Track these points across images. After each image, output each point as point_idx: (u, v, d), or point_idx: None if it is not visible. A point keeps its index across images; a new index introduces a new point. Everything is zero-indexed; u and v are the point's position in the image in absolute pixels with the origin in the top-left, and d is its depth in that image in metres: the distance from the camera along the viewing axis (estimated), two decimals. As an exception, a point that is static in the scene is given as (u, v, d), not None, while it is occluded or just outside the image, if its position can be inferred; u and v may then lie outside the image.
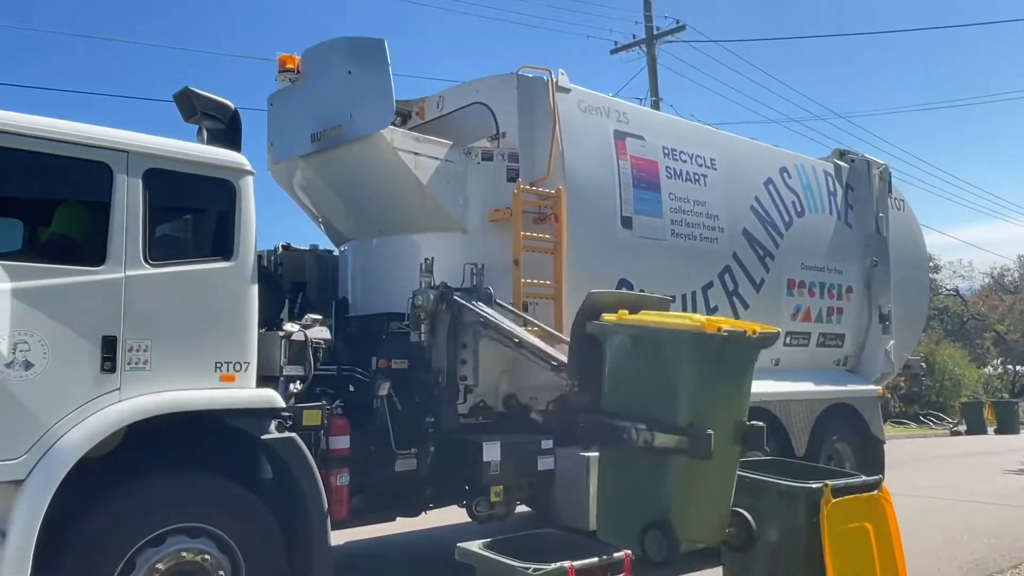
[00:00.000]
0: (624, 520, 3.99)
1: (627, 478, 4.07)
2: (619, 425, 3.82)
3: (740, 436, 3.96)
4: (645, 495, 3.95)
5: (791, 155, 8.36)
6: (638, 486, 4.00)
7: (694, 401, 3.79)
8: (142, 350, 4.05)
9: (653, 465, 3.88)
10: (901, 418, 26.47)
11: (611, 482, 4.23)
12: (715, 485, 3.94)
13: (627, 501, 4.07)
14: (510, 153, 6.20)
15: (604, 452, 4.34)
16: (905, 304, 9.09)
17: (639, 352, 3.99)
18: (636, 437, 3.84)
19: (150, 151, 4.27)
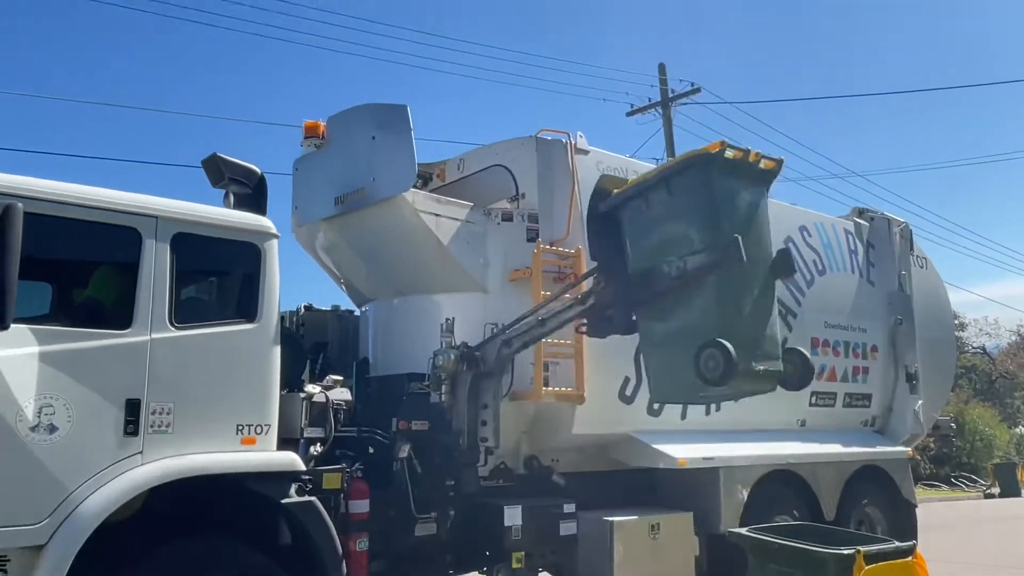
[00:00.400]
0: (677, 372, 4.27)
1: (673, 339, 4.33)
2: (652, 273, 3.98)
3: (767, 259, 4.13)
4: (693, 332, 4.14)
5: (810, 213, 8.38)
6: (684, 336, 4.23)
7: (716, 219, 3.94)
8: (165, 413, 4.06)
9: (692, 301, 4.12)
10: (932, 480, 25.75)
11: (658, 355, 4.56)
12: (755, 306, 4.05)
13: (677, 361, 4.30)
14: (530, 214, 6.27)
15: (644, 325, 4.61)
16: (932, 363, 8.94)
17: (653, 204, 4.16)
18: (669, 269, 4.06)
19: (178, 216, 4.36)
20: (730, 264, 3.89)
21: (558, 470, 6.20)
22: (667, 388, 4.85)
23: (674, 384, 4.66)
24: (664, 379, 4.79)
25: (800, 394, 7.63)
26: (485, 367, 5.51)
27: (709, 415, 6.82)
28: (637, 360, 6.33)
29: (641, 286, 4.49)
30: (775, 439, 7.25)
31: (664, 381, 4.81)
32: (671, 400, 5.02)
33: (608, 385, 6.16)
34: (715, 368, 4.04)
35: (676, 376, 4.54)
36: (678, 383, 4.60)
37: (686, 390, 4.61)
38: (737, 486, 6.60)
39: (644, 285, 4.44)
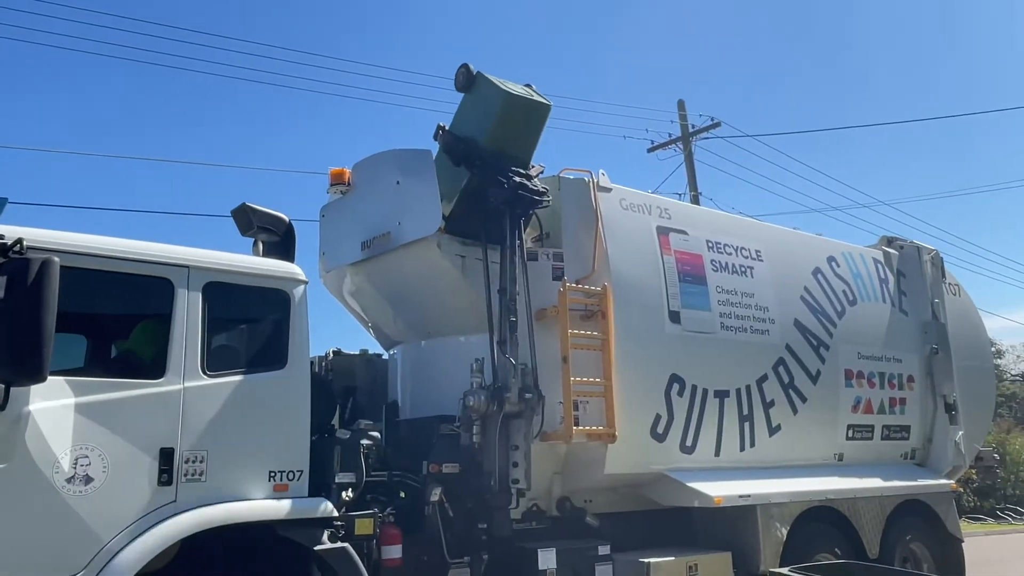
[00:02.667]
0: None
1: None
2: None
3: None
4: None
5: (838, 244, 8.30)
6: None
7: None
8: (198, 461, 4.07)
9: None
10: (976, 514, 24.94)
11: None
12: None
13: None
14: (555, 252, 6.28)
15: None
16: (971, 392, 8.73)
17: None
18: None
19: (209, 265, 4.43)
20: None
21: (592, 511, 6.10)
22: None
23: None
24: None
25: (836, 428, 7.54)
26: (510, 398, 5.46)
27: (744, 451, 6.70)
28: (668, 397, 6.27)
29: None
30: (812, 474, 7.09)
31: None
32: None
33: (639, 423, 6.08)
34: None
35: None
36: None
37: None
38: (775, 524, 6.44)
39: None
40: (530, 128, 6.15)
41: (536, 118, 6.17)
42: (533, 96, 6.09)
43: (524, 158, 6.09)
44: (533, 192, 5.88)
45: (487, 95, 6.03)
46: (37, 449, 3.68)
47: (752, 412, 6.78)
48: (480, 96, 6.09)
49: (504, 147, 5.98)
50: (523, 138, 6.12)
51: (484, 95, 6.06)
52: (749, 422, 6.76)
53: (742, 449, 6.69)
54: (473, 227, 5.96)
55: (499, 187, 5.80)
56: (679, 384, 6.33)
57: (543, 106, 6.15)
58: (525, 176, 5.91)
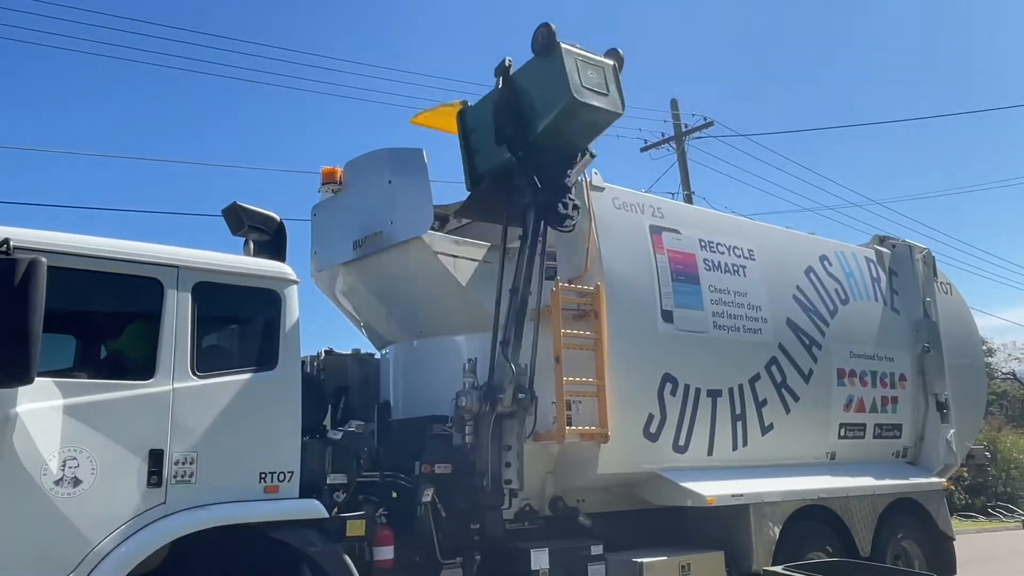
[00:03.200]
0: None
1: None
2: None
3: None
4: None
5: (830, 243, 8.31)
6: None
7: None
8: (188, 463, 4.04)
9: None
10: (968, 511, 25.06)
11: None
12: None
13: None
14: (547, 252, 6.25)
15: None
16: (962, 390, 8.75)
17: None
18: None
19: (199, 265, 4.40)
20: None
21: (584, 511, 6.10)
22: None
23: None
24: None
25: (828, 426, 7.55)
26: (503, 398, 5.43)
27: (736, 450, 6.71)
28: (661, 396, 6.27)
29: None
30: (805, 473, 7.10)
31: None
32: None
33: (632, 423, 6.08)
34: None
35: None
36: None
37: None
38: (768, 523, 6.44)
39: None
40: (589, 131, 5.81)
41: (599, 124, 5.79)
42: (603, 101, 5.55)
43: (573, 154, 5.81)
44: (555, 218, 5.61)
45: (557, 80, 5.43)
46: (25, 451, 3.65)
47: (745, 411, 6.78)
48: (550, 73, 5.48)
49: (554, 143, 5.66)
50: (578, 138, 5.79)
51: (554, 77, 5.45)
52: (742, 421, 6.76)
53: (735, 448, 6.69)
54: (494, 209, 5.77)
55: (531, 188, 5.53)
56: (672, 383, 6.33)
57: (611, 115, 5.68)
58: (564, 188, 5.63)
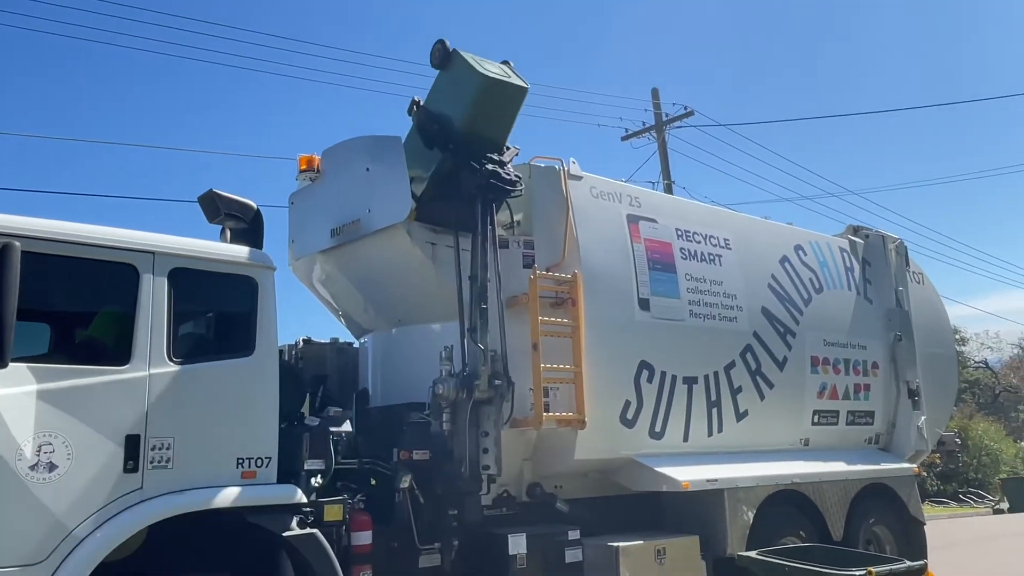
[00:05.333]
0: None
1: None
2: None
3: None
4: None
5: (805, 232, 8.41)
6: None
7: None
8: (165, 448, 4.05)
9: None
10: (940, 497, 25.53)
11: None
12: None
13: None
14: (525, 240, 6.29)
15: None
16: (934, 378, 8.92)
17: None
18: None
19: (175, 251, 4.38)
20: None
21: (561, 496, 6.16)
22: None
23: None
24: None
25: (802, 413, 7.67)
26: (479, 384, 5.47)
27: (711, 436, 6.80)
28: (637, 383, 6.34)
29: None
30: (779, 459, 7.21)
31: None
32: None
33: (609, 409, 6.14)
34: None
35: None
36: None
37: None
38: (742, 507, 6.55)
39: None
40: (506, 111, 6.07)
41: (513, 102, 6.08)
42: (510, 79, 5.98)
43: (499, 141, 6.04)
44: (506, 181, 5.84)
45: (463, 75, 5.91)
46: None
47: (720, 398, 6.88)
48: (456, 75, 5.97)
49: (479, 130, 5.90)
50: (499, 121, 6.04)
51: (460, 75, 5.93)
52: (717, 408, 6.85)
53: (710, 434, 6.79)
54: (444, 213, 5.94)
55: (472, 172, 5.74)
56: (648, 371, 6.40)
57: (520, 89, 6.02)
58: (499, 163, 5.85)
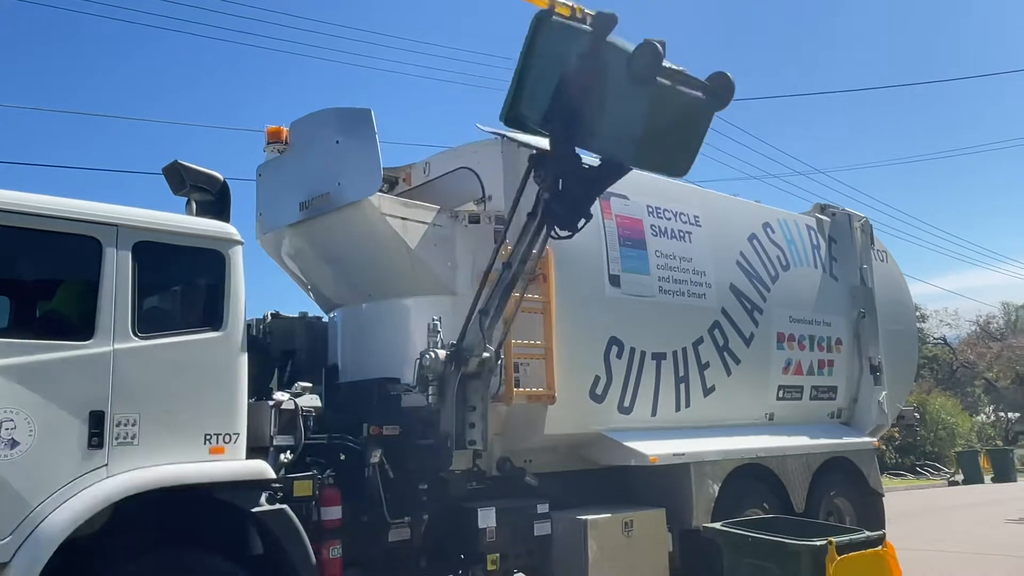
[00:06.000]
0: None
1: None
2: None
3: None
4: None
5: (773, 210, 8.50)
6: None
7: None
8: (130, 424, 3.99)
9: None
10: (897, 470, 26.24)
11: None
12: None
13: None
14: (496, 216, 6.27)
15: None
16: (895, 354, 9.13)
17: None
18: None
19: (139, 224, 4.29)
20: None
21: (531, 471, 6.21)
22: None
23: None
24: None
25: (767, 389, 7.81)
26: (470, 360, 5.40)
27: (679, 411, 6.89)
28: (607, 359, 6.39)
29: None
30: (744, 433, 7.34)
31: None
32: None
33: (579, 384, 6.19)
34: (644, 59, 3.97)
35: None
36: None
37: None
38: (708, 481, 6.67)
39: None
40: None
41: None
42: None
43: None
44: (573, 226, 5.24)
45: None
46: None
47: (688, 374, 6.97)
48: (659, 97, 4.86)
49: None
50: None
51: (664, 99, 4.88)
52: (685, 383, 6.94)
53: (678, 409, 6.88)
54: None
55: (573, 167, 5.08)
56: (618, 347, 6.45)
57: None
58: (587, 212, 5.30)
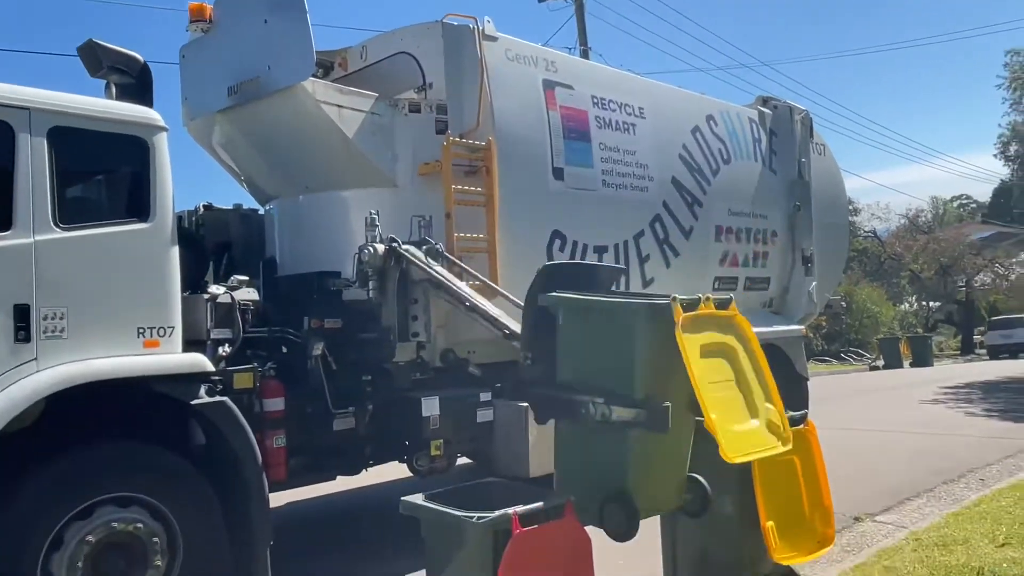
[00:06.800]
0: (583, 495, 3.73)
1: (584, 452, 3.85)
2: (575, 399, 3.66)
3: (695, 404, 3.57)
4: (603, 469, 3.75)
5: (717, 103, 8.46)
6: (596, 460, 3.80)
7: (650, 373, 3.59)
8: (58, 318, 3.87)
9: (611, 438, 3.68)
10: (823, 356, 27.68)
11: (567, 457, 3.97)
12: (673, 454, 3.80)
13: (585, 476, 3.86)
14: (438, 104, 6.08)
15: (561, 427, 4.03)
16: (827, 246, 9.41)
17: (593, 325, 3.80)
18: (593, 411, 3.65)
19: (53, 108, 4.02)
20: (654, 429, 3.47)
21: (474, 361, 6.31)
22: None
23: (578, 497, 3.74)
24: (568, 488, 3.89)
25: (705, 280, 7.99)
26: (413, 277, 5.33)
27: (619, 303, 7.02)
28: (550, 252, 6.41)
29: (565, 404, 3.88)
30: (680, 323, 7.54)
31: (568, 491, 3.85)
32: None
33: (522, 277, 6.19)
34: (618, 524, 3.62)
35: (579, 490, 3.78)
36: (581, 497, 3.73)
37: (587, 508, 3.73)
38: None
39: (568, 406, 3.85)
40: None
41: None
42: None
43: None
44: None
45: None
46: None
47: (628, 266, 7.06)
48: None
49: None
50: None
51: None
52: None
53: (617, 301, 7.00)
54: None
55: None
56: (561, 240, 6.47)
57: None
58: None
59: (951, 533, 5.10)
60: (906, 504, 6.71)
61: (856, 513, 6.32)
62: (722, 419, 3.42)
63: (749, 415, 3.60)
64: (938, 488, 7.22)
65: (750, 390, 3.63)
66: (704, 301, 3.67)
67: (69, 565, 3.73)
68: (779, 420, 3.66)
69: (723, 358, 3.64)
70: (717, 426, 3.34)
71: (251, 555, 4.29)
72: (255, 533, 4.29)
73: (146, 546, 3.96)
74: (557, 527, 3.41)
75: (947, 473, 7.78)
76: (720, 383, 3.56)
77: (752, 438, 3.51)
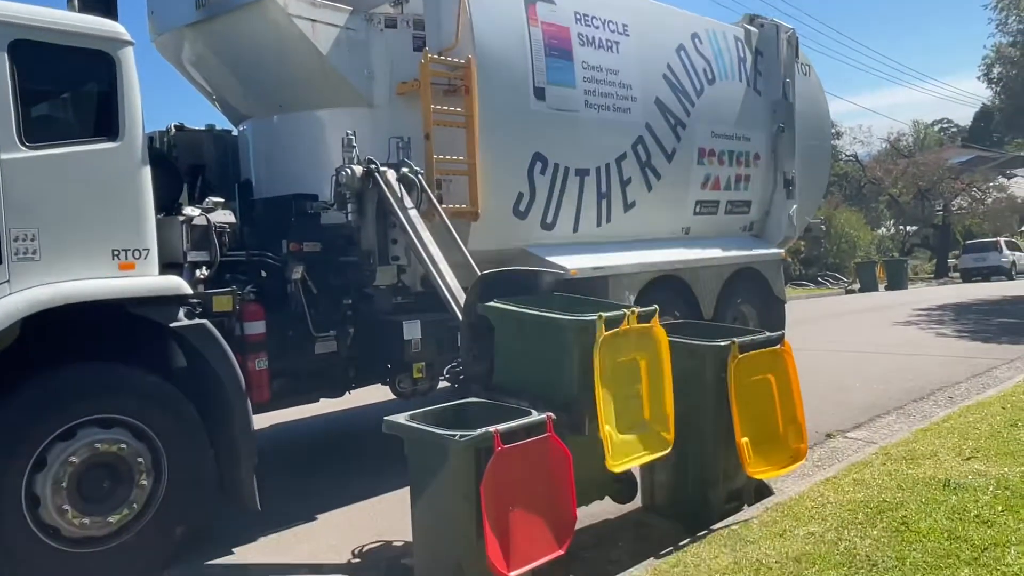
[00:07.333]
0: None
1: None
2: (507, 405, 3.86)
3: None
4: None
5: (703, 20, 8.25)
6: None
7: (572, 382, 3.89)
8: (29, 239, 3.79)
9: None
10: (801, 280, 28.02)
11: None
12: (591, 454, 3.94)
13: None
14: (415, 20, 5.88)
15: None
16: (808, 170, 9.38)
17: (525, 336, 4.10)
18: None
19: (12, 20, 3.84)
20: (574, 433, 3.79)
21: (455, 285, 6.30)
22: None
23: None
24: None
25: (686, 204, 7.98)
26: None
27: (600, 227, 7.01)
28: (531, 175, 6.34)
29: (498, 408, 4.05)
30: (661, 247, 7.58)
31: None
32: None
33: (502, 201, 6.16)
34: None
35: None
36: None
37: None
38: (624, 292, 6.93)
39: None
40: None
41: None
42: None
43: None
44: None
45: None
46: None
47: (610, 190, 7.02)
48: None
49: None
50: None
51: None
52: (607, 199, 7.01)
53: (599, 225, 6.99)
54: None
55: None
56: (542, 162, 6.39)
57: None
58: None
59: (919, 448, 5.26)
60: (876, 421, 6.91)
61: (828, 430, 6.51)
62: (613, 430, 3.82)
63: (639, 424, 3.97)
64: (908, 406, 7.42)
65: (647, 401, 4.03)
66: (628, 315, 3.96)
67: (53, 485, 3.77)
68: (666, 428, 4.04)
69: (633, 371, 3.99)
70: (607, 436, 3.77)
71: (237, 475, 4.35)
72: (240, 453, 4.34)
73: (131, 466, 4.00)
74: (538, 444, 3.48)
75: (917, 392, 7.99)
76: (624, 396, 3.91)
77: (635, 445, 3.93)
